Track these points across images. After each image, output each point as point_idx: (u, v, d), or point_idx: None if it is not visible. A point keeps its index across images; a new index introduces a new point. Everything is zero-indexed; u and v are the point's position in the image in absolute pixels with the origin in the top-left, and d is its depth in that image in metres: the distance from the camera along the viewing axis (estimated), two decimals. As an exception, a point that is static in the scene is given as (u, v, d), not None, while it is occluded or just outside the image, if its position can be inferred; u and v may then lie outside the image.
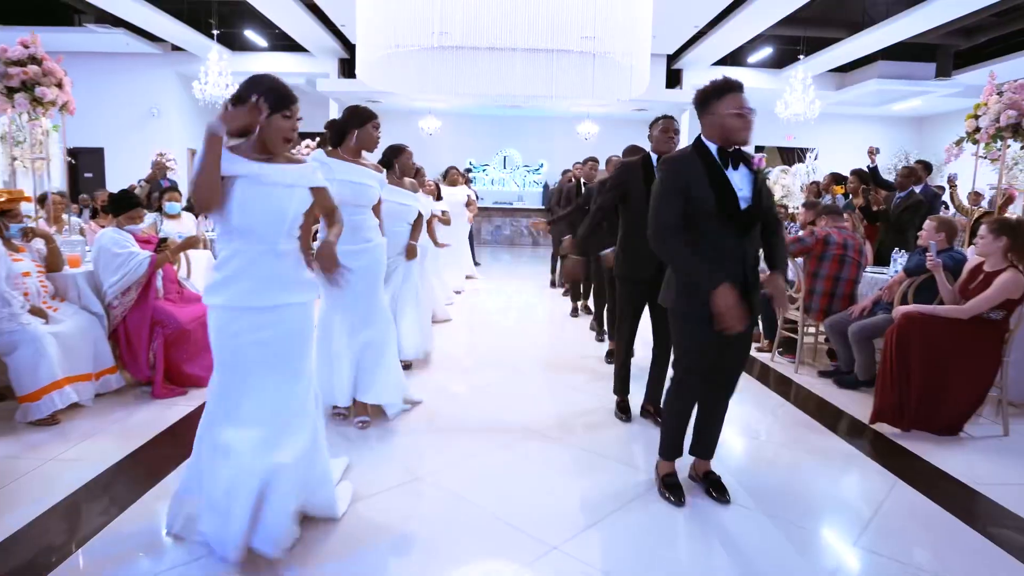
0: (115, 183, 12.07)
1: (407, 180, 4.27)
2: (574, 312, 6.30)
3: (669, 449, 2.67)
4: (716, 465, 2.74)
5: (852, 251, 4.29)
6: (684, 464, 2.74)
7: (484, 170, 15.47)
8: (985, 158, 4.58)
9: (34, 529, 2.27)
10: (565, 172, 10.38)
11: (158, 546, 2.21)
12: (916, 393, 3.36)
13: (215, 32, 11.37)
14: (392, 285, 4.16)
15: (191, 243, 3.91)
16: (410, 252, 4.20)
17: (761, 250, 2.56)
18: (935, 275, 3.59)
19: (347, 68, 12.83)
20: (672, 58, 12.54)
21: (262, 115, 2.03)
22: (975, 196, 6.31)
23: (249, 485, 2.01)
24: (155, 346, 3.60)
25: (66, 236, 4.61)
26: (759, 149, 14.77)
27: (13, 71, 3.93)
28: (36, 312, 3.28)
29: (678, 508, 2.53)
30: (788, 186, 7.33)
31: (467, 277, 8.52)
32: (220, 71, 10.80)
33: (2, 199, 3.36)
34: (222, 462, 2.06)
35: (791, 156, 13.62)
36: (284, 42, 12.50)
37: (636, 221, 3.11)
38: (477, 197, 9.40)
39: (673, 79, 12.92)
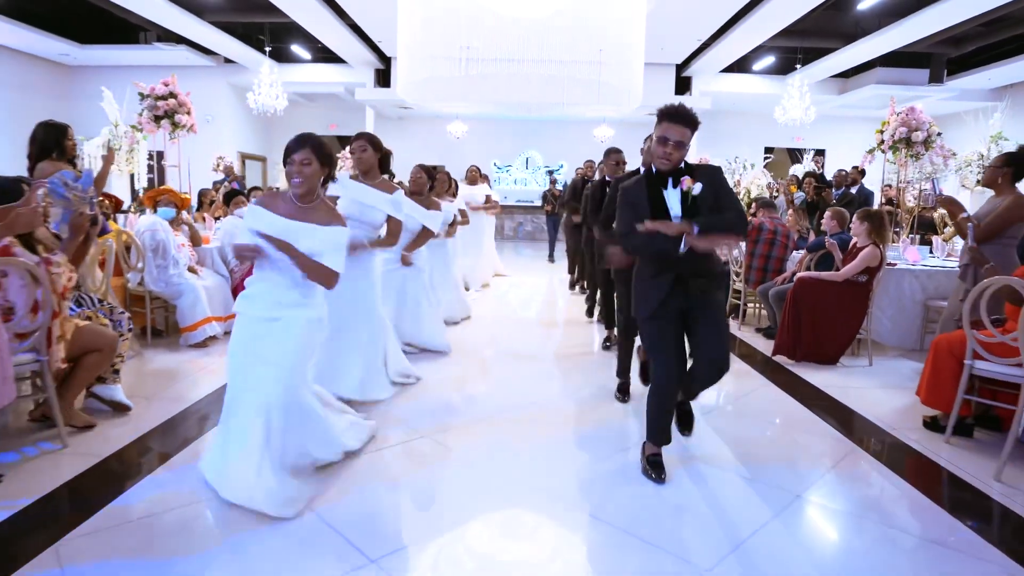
0: (176, 183, 14.02)
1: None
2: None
3: (656, 435, 2.92)
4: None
5: (780, 236, 5.80)
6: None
7: (508, 170, 17.14)
8: (894, 163, 6.01)
9: (194, 409, 3.76)
10: (578, 169, 11.93)
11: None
12: (806, 335, 4.86)
13: (267, 48, 13.22)
14: (398, 287, 4.71)
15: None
16: (403, 260, 4.63)
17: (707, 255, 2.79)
18: (831, 251, 5.08)
19: (382, 77, 14.60)
20: (682, 66, 14.01)
21: None
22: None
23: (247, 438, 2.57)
24: (263, 299, 5.28)
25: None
26: (769, 151, 16.14)
27: (160, 104, 5.66)
28: (191, 271, 5.00)
29: (658, 485, 2.81)
30: (762, 185, 8.81)
31: (495, 274, 9.06)
32: (271, 83, 12.63)
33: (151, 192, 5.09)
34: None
35: (799, 157, 14.95)
36: (325, 54, 14.32)
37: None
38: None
39: (684, 85, 14.40)
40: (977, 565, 2.30)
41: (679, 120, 2.63)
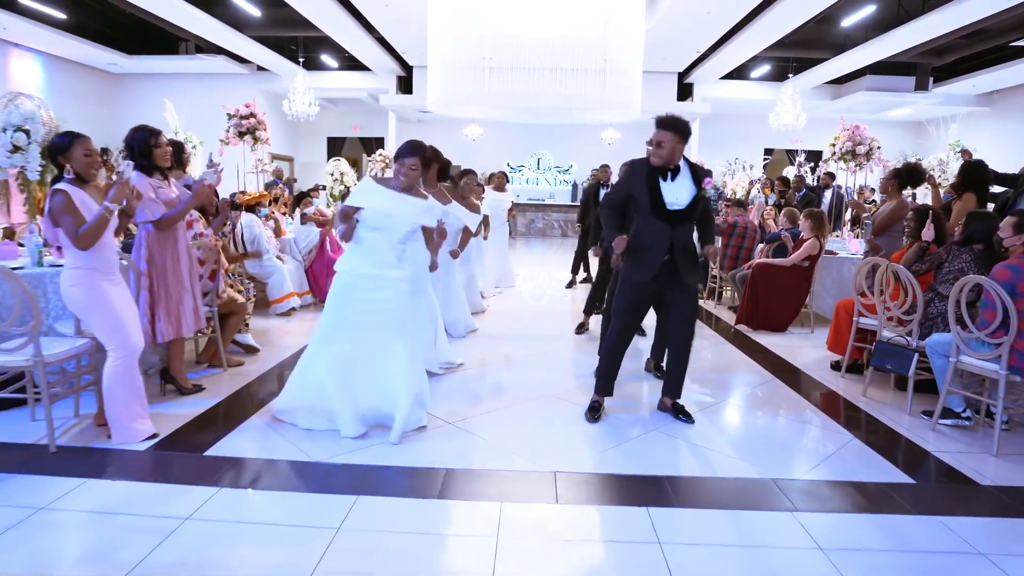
0: (252, 186, 15.68)
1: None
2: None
3: (599, 387, 3.79)
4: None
5: (750, 231, 7.33)
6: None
7: (520, 170, 18.74)
8: (845, 170, 7.52)
9: (279, 366, 5.25)
10: (593, 171, 13.30)
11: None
12: (761, 308, 6.39)
13: (301, 59, 14.84)
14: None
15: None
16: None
17: (696, 236, 3.67)
18: (785, 243, 6.61)
19: (404, 84, 16.21)
20: (683, 74, 15.53)
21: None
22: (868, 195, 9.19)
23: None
24: (330, 280, 6.86)
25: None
26: (768, 152, 17.61)
27: (243, 122, 7.26)
28: (278, 257, 6.60)
29: (592, 424, 3.73)
30: (745, 187, 10.29)
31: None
32: (305, 90, 14.24)
33: (252, 196, 6.67)
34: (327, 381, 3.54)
35: (794, 160, 16.42)
36: (351, 63, 15.94)
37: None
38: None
39: (685, 91, 15.92)
40: (830, 434, 3.82)
41: (664, 127, 3.40)
